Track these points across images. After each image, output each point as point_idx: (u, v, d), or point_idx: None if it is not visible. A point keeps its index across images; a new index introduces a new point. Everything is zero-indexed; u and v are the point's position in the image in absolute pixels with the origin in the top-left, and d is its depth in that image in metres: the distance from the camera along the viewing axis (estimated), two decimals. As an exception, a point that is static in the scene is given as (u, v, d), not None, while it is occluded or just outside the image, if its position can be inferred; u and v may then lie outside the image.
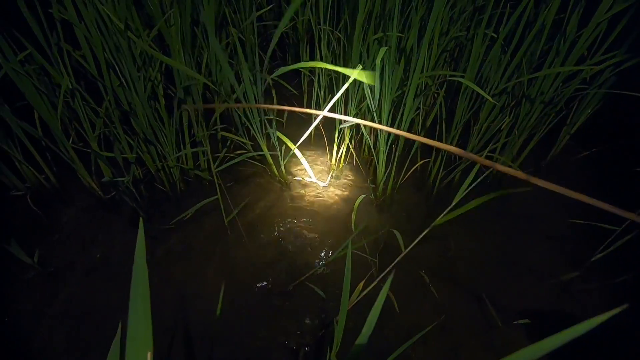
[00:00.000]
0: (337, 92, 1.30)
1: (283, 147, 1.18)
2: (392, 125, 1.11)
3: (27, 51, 0.93)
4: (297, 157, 1.15)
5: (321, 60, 1.34)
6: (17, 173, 1.16)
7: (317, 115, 1.41)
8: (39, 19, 0.88)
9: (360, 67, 0.88)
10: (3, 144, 1.06)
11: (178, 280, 1.01)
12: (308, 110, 0.44)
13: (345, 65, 1.20)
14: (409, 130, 1.29)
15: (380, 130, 1.08)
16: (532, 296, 1.03)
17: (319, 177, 1.31)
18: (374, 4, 0.98)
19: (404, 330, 0.93)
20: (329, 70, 1.35)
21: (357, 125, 1.32)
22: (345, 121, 1.23)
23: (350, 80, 0.92)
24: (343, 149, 1.31)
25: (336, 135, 1.23)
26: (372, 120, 1.24)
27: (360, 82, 1.13)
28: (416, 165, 1.26)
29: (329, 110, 1.10)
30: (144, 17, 1.00)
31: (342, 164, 1.36)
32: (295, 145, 1.10)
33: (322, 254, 1.08)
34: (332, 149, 1.29)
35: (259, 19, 1.49)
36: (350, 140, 1.30)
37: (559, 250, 1.13)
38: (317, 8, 1.26)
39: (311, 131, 1.14)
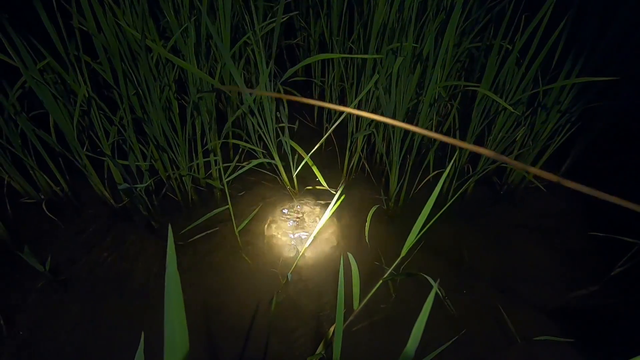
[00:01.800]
0: (348, 102, 1.30)
1: (296, 157, 1.17)
2: (405, 136, 1.11)
3: (46, 60, 0.94)
4: (307, 166, 1.14)
5: (332, 70, 1.35)
6: (30, 180, 1.16)
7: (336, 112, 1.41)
8: (59, 28, 0.90)
9: (377, 76, 0.88)
10: (18, 151, 1.07)
11: (193, 290, 1.00)
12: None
13: (358, 76, 1.20)
14: (420, 142, 1.28)
15: (393, 137, 1.07)
16: (550, 311, 1.00)
17: (330, 187, 1.30)
18: (389, 15, 0.98)
19: (419, 346, 0.90)
20: (341, 80, 1.36)
21: (370, 134, 1.32)
22: (358, 130, 1.22)
23: (367, 88, 0.92)
24: (355, 158, 1.30)
25: (348, 145, 1.22)
26: (385, 131, 1.24)
27: (374, 91, 1.13)
28: (429, 177, 1.24)
29: (338, 120, 1.09)
30: (159, 29, 1.02)
31: (354, 173, 1.35)
32: (307, 154, 1.10)
33: (336, 266, 1.07)
34: (344, 159, 1.28)
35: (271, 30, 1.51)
36: (362, 150, 1.29)
37: (578, 264, 1.11)
38: (330, 18, 1.27)
39: (322, 140, 1.14)
